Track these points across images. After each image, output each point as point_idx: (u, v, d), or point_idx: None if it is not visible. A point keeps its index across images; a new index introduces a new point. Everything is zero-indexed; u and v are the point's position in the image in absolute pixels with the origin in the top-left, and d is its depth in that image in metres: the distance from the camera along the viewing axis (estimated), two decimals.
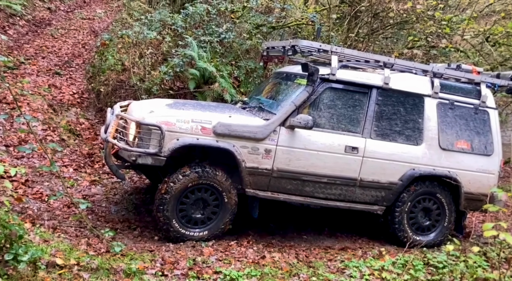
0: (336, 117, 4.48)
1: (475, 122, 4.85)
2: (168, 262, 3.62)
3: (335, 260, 4.12)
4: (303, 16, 9.82)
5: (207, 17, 8.23)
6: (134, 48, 7.68)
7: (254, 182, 4.30)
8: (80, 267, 3.19)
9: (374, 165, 4.51)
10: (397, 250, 4.52)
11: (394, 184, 4.60)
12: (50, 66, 8.03)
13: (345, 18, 9.33)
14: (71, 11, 11.87)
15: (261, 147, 4.24)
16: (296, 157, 4.32)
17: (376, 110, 4.56)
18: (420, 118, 4.69)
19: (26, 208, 4.25)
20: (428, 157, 4.66)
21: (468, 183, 4.78)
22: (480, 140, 4.84)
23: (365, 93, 4.57)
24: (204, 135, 4.10)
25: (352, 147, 4.45)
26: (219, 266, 3.61)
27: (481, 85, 4.90)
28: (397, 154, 4.58)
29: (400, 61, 4.87)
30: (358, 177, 4.49)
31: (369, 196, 4.59)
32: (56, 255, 3.25)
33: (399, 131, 4.62)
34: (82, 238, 3.92)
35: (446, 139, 4.74)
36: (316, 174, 4.39)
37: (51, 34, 9.50)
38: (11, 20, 8.98)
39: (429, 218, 4.85)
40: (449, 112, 4.79)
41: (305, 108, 4.39)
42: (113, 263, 3.37)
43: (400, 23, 8.54)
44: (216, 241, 4.41)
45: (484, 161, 4.84)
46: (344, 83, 4.51)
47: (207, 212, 4.25)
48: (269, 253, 4.15)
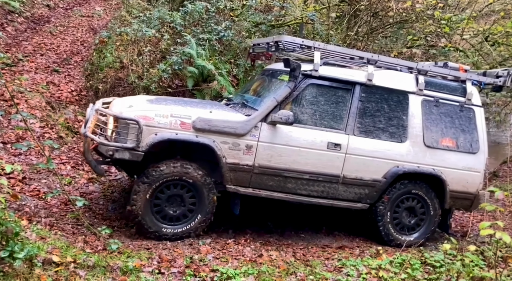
0: (318, 114, 4.45)
1: (460, 120, 4.81)
2: (165, 260, 3.61)
3: (333, 259, 4.12)
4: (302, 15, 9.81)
5: (206, 15, 8.22)
6: (133, 46, 7.67)
7: (235, 178, 4.26)
8: (76, 264, 3.18)
9: (357, 162, 4.48)
10: (395, 249, 4.52)
11: (377, 181, 4.56)
12: (49, 64, 8.00)
13: (345, 17, 9.33)
14: (70, 9, 11.82)
15: (242, 142, 4.21)
16: (278, 153, 4.29)
17: (359, 107, 4.53)
18: (405, 115, 4.65)
19: (23, 205, 4.23)
20: (412, 154, 4.62)
21: (453, 181, 4.74)
22: (466, 138, 4.79)
23: (348, 90, 4.53)
24: (183, 131, 4.07)
25: (335, 144, 4.42)
26: (216, 264, 3.61)
27: (467, 83, 4.86)
28: (381, 151, 4.54)
29: (384, 58, 4.84)
30: (341, 173, 4.46)
31: (352, 193, 4.55)
32: (52, 253, 3.24)
33: (383, 128, 4.58)
34: (79, 236, 3.91)
35: (431, 136, 4.69)
36: (298, 171, 4.37)
37: (49, 32, 9.47)
38: (9, 17, 8.95)
39: (414, 216, 4.79)
40: (434, 109, 4.75)
41: (287, 104, 4.36)
42: (110, 261, 3.36)
43: (400, 22, 8.55)
44: (213, 239, 4.41)
45: (469, 159, 4.79)
46: (327, 80, 4.48)
47: (183, 208, 4.19)
48: (266, 251, 4.14)
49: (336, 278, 3.59)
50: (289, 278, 3.55)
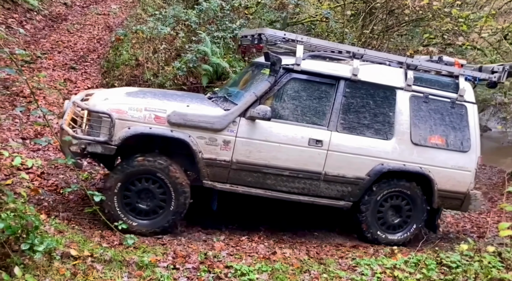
0: (300, 109, 4.34)
1: (451, 117, 4.65)
2: (180, 255, 3.65)
3: (346, 258, 4.10)
4: (317, 13, 9.77)
5: (220, 13, 8.23)
6: (148, 43, 7.74)
7: (213, 173, 4.19)
8: (93, 258, 3.24)
9: (339, 159, 4.37)
10: (410, 249, 4.48)
11: (361, 179, 4.45)
12: (66, 61, 8.13)
13: (360, 15, 9.25)
14: (87, 7, 11.97)
15: (219, 138, 4.13)
16: (257, 148, 4.21)
17: (343, 103, 4.42)
18: (391, 111, 4.52)
19: (42, 200, 4.32)
20: (398, 152, 4.49)
21: (442, 180, 4.60)
22: (456, 136, 4.64)
23: (333, 85, 4.42)
24: (157, 125, 4.00)
25: (316, 140, 4.31)
26: (230, 261, 3.62)
27: (460, 79, 4.69)
28: (365, 148, 4.42)
29: (371, 52, 4.73)
30: (322, 170, 4.36)
31: (335, 191, 4.45)
32: (70, 246, 3.30)
33: (368, 124, 4.46)
34: (95, 230, 3.98)
35: (419, 134, 4.55)
36: (278, 167, 4.28)
37: (67, 29, 9.61)
38: (28, 15, 9.11)
39: (399, 215, 4.69)
40: (423, 106, 4.60)
41: (268, 99, 4.27)
42: (125, 255, 3.41)
43: (416, 20, 8.44)
44: (227, 236, 4.44)
45: (460, 157, 4.63)
46: (309, 74, 4.37)
47: (153, 203, 4.11)
48: (280, 249, 4.15)
49: (350, 277, 3.58)
50: (302, 276, 3.55)
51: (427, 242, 4.90)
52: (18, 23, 8.42)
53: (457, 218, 6.30)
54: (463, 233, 5.25)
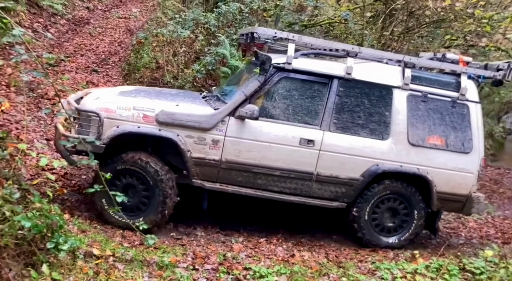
0: (292, 109, 4.29)
1: (452, 116, 4.48)
2: (199, 256, 3.68)
3: (366, 261, 4.07)
4: (335, 14, 9.71)
5: (239, 15, 8.28)
6: (168, 46, 7.85)
7: (202, 172, 4.19)
8: (115, 258, 3.30)
9: (332, 159, 4.28)
10: (431, 253, 4.41)
11: (355, 180, 4.35)
12: (88, 64, 8.31)
13: (379, 17, 9.16)
14: (108, 10, 12.23)
15: (208, 137, 4.12)
16: (247, 148, 4.17)
17: (337, 102, 4.33)
18: (388, 111, 4.40)
19: (65, 200, 4.42)
20: (394, 153, 4.37)
21: (442, 182, 4.44)
22: (457, 136, 4.46)
23: (326, 84, 4.34)
24: (146, 124, 4.02)
25: (308, 140, 4.24)
26: (248, 263, 3.64)
27: (462, 77, 4.50)
28: (359, 148, 4.32)
29: (367, 50, 4.62)
30: (314, 171, 4.28)
31: (328, 192, 4.37)
32: (93, 246, 3.38)
33: (362, 124, 4.36)
34: (117, 230, 4.05)
35: (416, 134, 4.41)
36: (269, 167, 4.24)
37: (89, 33, 9.83)
38: (52, 19, 9.35)
39: (395, 218, 4.56)
40: (421, 105, 4.44)
41: (259, 98, 4.24)
42: (146, 255, 3.47)
43: (437, 21, 8.30)
44: (245, 238, 4.45)
45: (461, 158, 4.46)
46: (301, 73, 4.29)
47: (137, 199, 4.10)
48: (298, 251, 4.15)
49: None
50: (321, 279, 3.55)
51: (449, 247, 4.82)
52: (43, 27, 8.66)
53: (480, 223, 6.17)
54: (487, 238, 5.12)
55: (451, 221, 6.06)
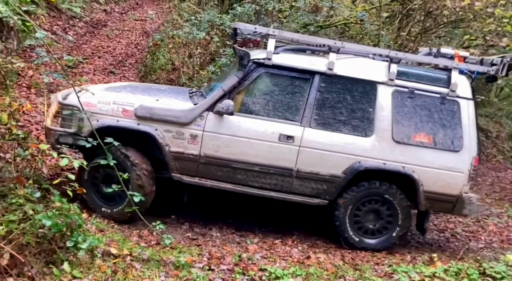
0: (272, 104, 4.27)
1: (441, 113, 4.31)
2: (215, 257, 3.70)
3: (383, 264, 4.02)
4: (351, 15, 9.65)
5: (254, 17, 8.30)
6: (184, 48, 7.92)
7: (181, 167, 4.22)
8: (132, 257, 3.33)
9: (312, 156, 4.22)
10: (449, 257, 4.33)
11: (336, 177, 4.26)
12: (106, 66, 8.44)
13: (396, 17, 9.06)
14: (125, 13, 12.41)
15: (186, 131, 4.16)
16: (225, 143, 4.18)
17: (318, 98, 4.27)
18: (371, 107, 4.29)
19: (84, 199, 4.48)
20: (378, 150, 4.25)
21: (429, 181, 4.28)
22: (446, 134, 4.29)
23: (307, 79, 4.29)
24: (125, 118, 4.08)
25: (287, 136, 4.21)
26: (264, 264, 3.64)
27: (452, 72, 4.32)
28: (340, 145, 4.23)
29: (351, 45, 4.55)
30: (294, 167, 4.24)
31: (309, 188, 4.31)
32: (110, 245, 3.42)
33: (345, 121, 4.28)
34: (134, 230, 4.09)
35: (402, 131, 4.27)
36: (248, 162, 4.22)
37: (106, 35, 9.99)
38: (71, 22, 9.54)
39: (379, 220, 4.42)
40: (408, 101, 4.30)
41: (239, 93, 4.25)
42: (163, 255, 3.49)
43: (455, 21, 8.17)
44: (260, 239, 4.45)
45: (450, 157, 4.28)
46: (281, 69, 4.27)
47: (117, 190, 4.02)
48: (314, 253, 4.13)
49: None
50: None
51: (468, 251, 4.73)
52: (62, 30, 8.83)
53: (501, 227, 6.03)
54: (508, 242, 5.00)
55: (470, 224, 5.95)
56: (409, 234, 5.15)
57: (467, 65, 4.43)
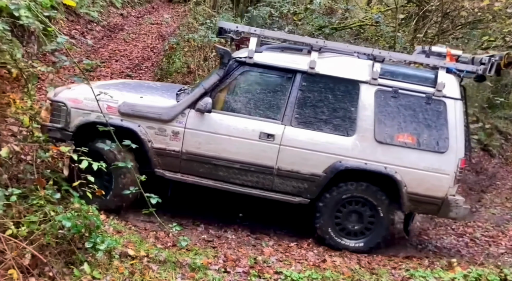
0: (253, 102, 4.30)
1: (426, 113, 4.21)
2: (230, 259, 3.70)
3: (400, 269, 3.97)
4: (366, 17, 9.60)
5: (269, 19, 8.33)
6: (199, 51, 7.98)
7: (164, 163, 4.30)
8: (149, 258, 3.37)
9: (293, 154, 4.23)
10: (469, 262, 4.24)
11: (317, 176, 4.24)
12: (122, 69, 8.55)
13: (411, 18, 8.97)
14: (141, 17, 12.57)
15: (168, 128, 4.24)
16: (206, 140, 4.24)
17: (299, 97, 4.27)
18: (353, 106, 4.25)
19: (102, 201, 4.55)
20: (359, 150, 4.20)
21: (413, 183, 4.19)
22: (431, 134, 4.19)
23: (289, 78, 4.30)
24: (109, 114, 4.13)
25: (268, 134, 4.22)
26: (279, 267, 3.63)
27: (439, 71, 4.22)
28: (321, 144, 4.21)
29: (333, 44, 4.54)
30: (275, 165, 4.25)
31: (290, 187, 4.31)
32: (128, 246, 3.46)
33: (326, 120, 4.26)
34: (150, 231, 4.13)
35: (384, 131, 4.20)
36: (229, 159, 4.27)
37: (123, 39, 10.12)
38: (89, 26, 9.70)
39: (360, 222, 4.37)
40: (391, 101, 4.23)
41: (222, 91, 4.31)
42: (179, 257, 3.52)
43: (473, 22, 8.04)
44: (275, 241, 4.45)
45: (435, 158, 4.18)
46: (263, 67, 4.30)
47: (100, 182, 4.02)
48: (329, 257, 4.10)
49: None
50: None
51: (488, 256, 4.63)
52: (80, 34, 9.00)
53: None
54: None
55: (490, 229, 5.83)
56: (426, 238, 5.09)
57: (454, 64, 4.33)
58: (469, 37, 8.96)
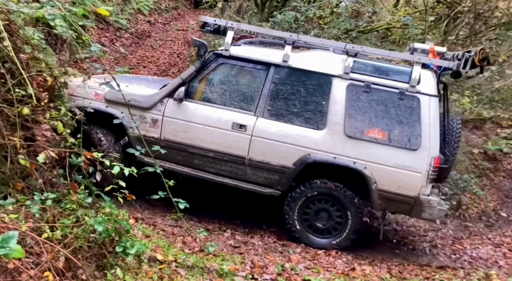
0: (228, 94, 4.44)
1: (398, 109, 4.11)
2: (257, 265, 3.67)
3: (433, 279, 3.84)
4: (393, 19, 9.42)
5: (295, 24, 8.29)
6: None
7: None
8: (177, 263, 3.37)
9: (263, 145, 4.30)
10: (507, 274, 4.06)
11: (287, 168, 4.28)
12: (150, 75, 8.71)
13: (441, 20, 8.75)
14: (168, 23, 12.80)
15: (148, 116, 4.46)
16: (182, 129, 4.39)
17: (272, 89, 4.34)
18: (325, 100, 4.25)
19: (129, 205, 4.62)
20: (329, 144, 4.19)
21: (384, 180, 4.11)
22: (403, 131, 4.09)
23: (263, 71, 4.39)
24: (96, 101, 4.44)
25: (240, 125, 4.33)
26: (307, 275, 3.57)
27: (414, 67, 4.12)
28: (291, 136, 4.24)
29: (306, 38, 4.64)
30: (247, 156, 4.34)
31: (262, 177, 4.38)
32: (156, 251, 3.48)
33: (297, 113, 4.29)
34: (178, 236, 4.15)
35: (354, 126, 4.16)
36: (203, 148, 4.41)
37: (150, 45, 10.33)
38: (118, 33, 9.95)
39: (328, 220, 4.37)
40: (363, 96, 4.18)
41: (200, 82, 4.49)
42: (206, 262, 3.51)
43: (508, 23, 7.76)
44: (303, 248, 4.38)
45: (406, 155, 4.07)
46: (239, 60, 4.42)
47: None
48: (359, 265, 4.01)
49: None
50: None
51: None
52: (110, 41, 9.23)
53: None
54: None
55: None
56: (461, 248, 4.91)
57: (430, 60, 4.21)
58: (504, 39, 8.64)
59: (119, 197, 3.16)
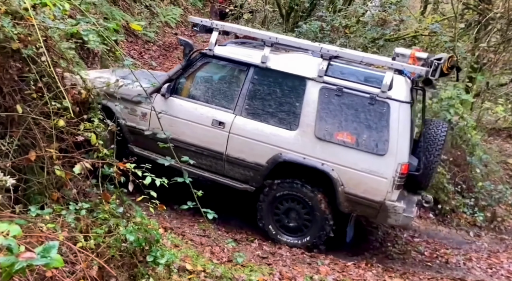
0: (211, 91, 4.67)
1: (368, 114, 4.12)
2: (286, 277, 3.65)
3: None
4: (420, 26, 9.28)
5: (320, 33, 8.29)
6: None
7: (135, 139, 4.83)
8: (206, 273, 3.40)
9: (240, 142, 4.47)
10: None
11: (260, 165, 4.45)
12: None
13: (471, 27, 8.54)
14: (193, 35, 13.02)
15: (138, 109, 4.73)
16: (168, 123, 4.50)
17: (250, 89, 4.51)
18: (298, 102, 4.35)
19: (158, 214, 4.69)
20: (300, 144, 4.30)
21: (351, 183, 4.18)
22: (371, 136, 4.10)
23: (244, 71, 4.55)
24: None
25: (219, 121, 4.52)
26: None
27: (386, 72, 4.11)
28: (266, 135, 4.40)
29: (285, 39, 4.76)
30: (225, 151, 4.54)
31: (238, 173, 4.58)
32: (185, 261, 3.51)
33: (272, 113, 4.45)
34: (206, 246, 4.18)
35: (324, 128, 4.24)
36: (186, 142, 4.61)
37: (177, 57, 10.54)
38: (146, 46, 10.22)
39: (297, 219, 4.49)
40: (335, 99, 4.23)
41: (187, 79, 4.71)
42: (234, 273, 3.52)
43: None
44: (331, 260, 4.33)
45: (373, 160, 4.08)
46: (222, 59, 4.61)
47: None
48: (390, 278, 3.93)
49: None
50: None
51: None
52: (139, 54, 9.48)
53: None
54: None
55: None
56: (497, 261, 4.71)
57: (402, 66, 4.13)
58: None
59: (151, 207, 3.21)
